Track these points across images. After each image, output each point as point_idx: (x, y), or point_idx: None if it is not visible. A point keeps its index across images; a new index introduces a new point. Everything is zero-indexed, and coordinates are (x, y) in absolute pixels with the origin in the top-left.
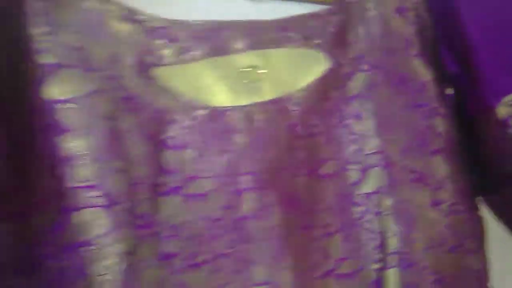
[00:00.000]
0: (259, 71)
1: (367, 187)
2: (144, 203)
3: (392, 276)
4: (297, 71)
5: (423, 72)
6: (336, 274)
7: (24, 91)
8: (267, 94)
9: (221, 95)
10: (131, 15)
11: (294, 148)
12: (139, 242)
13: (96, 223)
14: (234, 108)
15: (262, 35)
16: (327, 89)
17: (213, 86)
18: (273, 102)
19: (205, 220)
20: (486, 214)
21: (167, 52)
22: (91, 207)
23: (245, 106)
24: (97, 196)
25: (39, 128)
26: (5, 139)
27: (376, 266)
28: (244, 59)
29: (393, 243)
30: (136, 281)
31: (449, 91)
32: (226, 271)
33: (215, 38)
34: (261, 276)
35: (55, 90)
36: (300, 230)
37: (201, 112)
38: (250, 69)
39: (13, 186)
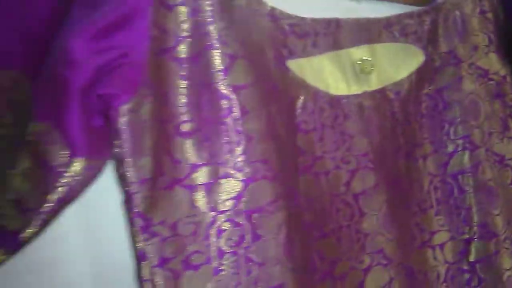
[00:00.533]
0: (369, 63)
1: (455, 168)
2: (290, 178)
3: (477, 245)
4: (398, 63)
5: (500, 66)
6: (430, 245)
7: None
8: (374, 84)
9: (338, 85)
10: (271, 13)
11: (395, 133)
12: (288, 213)
13: (264, 193)
14: (348, 96)
15: (371, 31)
16: (421, 80)
17: (333, 76)
18: (378, 91)
19: (330, 195)
20: None
21: (298, 46)
22: (263, 178)
23: (357, 94)
24: (266, 170)
25: (226, 110)
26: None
27: (464, 237)
28: (358, 53)
29: (477, 217)
30: (292, 248)
31: None
32: (346, 240)
33: (335, 34)
34: (374, 245)
35: (238, 76)
36: (401, 207)
37: (323, 100)
38: (362, 62)
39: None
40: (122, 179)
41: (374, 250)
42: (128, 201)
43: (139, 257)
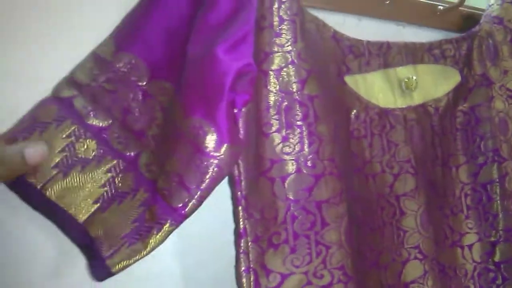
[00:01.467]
0: (413, 81)
1: (484, 178)
2: (348, 176)
3: (501, 248)
4: (437, 83)
5: None
6: (460, 244)
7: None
8: (417, 99)
9: (387, 98)
10: (334, 36)
11: (433, 144)
12: (348, 206)
13: (331, 186)
14: (394, 109)
15: (415, 54)
16: (457, 98)
17: (382, 91)
18: (420, 106)
19: (376, 195)
20: None
21: (354, 64)
22: (330, 174)
23: (402, 108)
24: (332, 167)
25: (303, 115)
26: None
27: (490, 239)
28: (404, 72)
29: (503, 222)
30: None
31: None
32: (389, 235)
33: (385, 55)
34: (412, 241)
35: (312, 87)
36: (436, 209)
37: (373, 111)
38: (407, 80)
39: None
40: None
41: (412, 246)
42: (235, 185)
43: (241, 233)
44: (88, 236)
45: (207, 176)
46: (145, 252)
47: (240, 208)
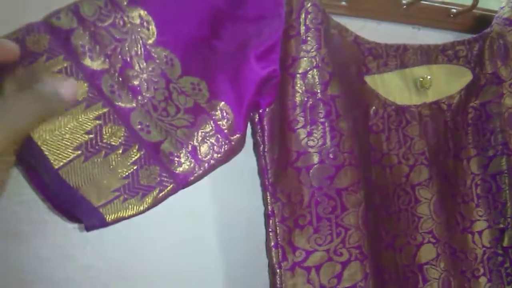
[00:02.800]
0: (428, 80)
1: (494, 169)
2: (366, 167)
3: (510, 234)
4: (450, 81)
5: None
6: (470, 231)
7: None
8: (431, 97)
9: (403, 96)
10: (355, 39)
11: (446, 138)
12: (366, 193)
13: (350, 176)
14: (410, 106)
15: (430, 54)
16: (469, 95)
17: (399, 89)
18: (434, 103)
19: (393, 184)
20: None
21: (373, 65)
22: (349, 165)
23: (418, 105)
24: (351, 159)
25: (326, 113)
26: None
27: (499, 226)
28: (419, 72)
29: (510, 210)
30: (367, 220)
31: None
32: (404, 220)
33: (402, 56)
34: (425, 226)
35: (334, 88)
36: (448, 197)
37: (390, 108)
38: (422, 79)
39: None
40: (260, 157)
41: (426, 231)
42: (263, 174)
43: (269, 214)
44: (66, 184)
45: (220, 155)
46: (142, 209)
47: (268, 193)
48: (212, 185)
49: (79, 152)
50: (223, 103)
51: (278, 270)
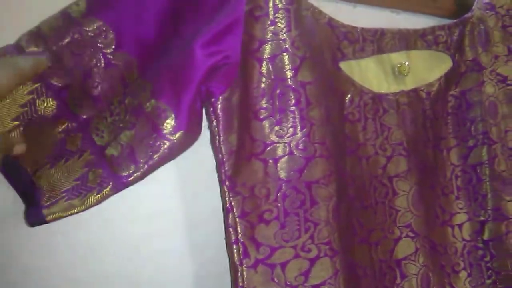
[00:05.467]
0: (406, 67)
1: (474, 159)
2: (340, 158)
3: (490, 226)
4: (430, 68)
5: None
6: (450, 224)
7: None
8: (409, 84)
9: (380, 84)
10: (329, 22)
11: (425, 127)
12: (337, 186)
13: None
14: (387, 94)
15: (409, 40)
16: (448, 83)
17: (376, 76)
18: (413, 91)
19: (369, 176)
20: None
21: (349, 50)
22: (320, 156)
23: (395, 93)
24: (322, 150)
25: (296, 101)
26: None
27: (479, 218)
28: (397, 58)
29: (491, 202)
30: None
31: None
32: (381, 214)
33: (379, 41)
34: (403, 220)
35: (305, 74)
36: (427, 190)
37: (367, 96)
38: (400, 65)
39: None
40: (216, 149)
41: (404, 224)
42: (220, 167)
43: (227, 209)
44: (34, 186)
45: (157, 155)
46: (80, 208)
47: (225, 187)
48: (179, 184)
49: (46, 160)
50: (161, 102)
51: (239, 268)
